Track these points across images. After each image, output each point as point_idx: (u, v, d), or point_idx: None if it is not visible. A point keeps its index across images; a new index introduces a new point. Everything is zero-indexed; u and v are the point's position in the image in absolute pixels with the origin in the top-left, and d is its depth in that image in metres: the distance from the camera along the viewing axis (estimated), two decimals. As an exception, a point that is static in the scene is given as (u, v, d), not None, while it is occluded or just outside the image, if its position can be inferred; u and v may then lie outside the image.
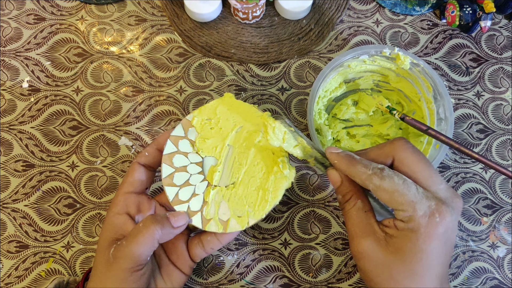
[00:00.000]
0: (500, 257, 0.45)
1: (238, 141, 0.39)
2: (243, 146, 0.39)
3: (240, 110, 0.39)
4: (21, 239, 0.45)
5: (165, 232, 0.35)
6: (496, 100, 0.49)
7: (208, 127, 0.39)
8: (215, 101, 0.39)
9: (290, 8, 0.49)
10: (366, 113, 0.48)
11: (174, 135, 0.39)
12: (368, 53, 0.43)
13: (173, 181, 0.38)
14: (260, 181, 0.38)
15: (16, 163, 0.46)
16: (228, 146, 0.39)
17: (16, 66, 0.49)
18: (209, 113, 0.39)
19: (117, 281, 0.34)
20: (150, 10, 0.51)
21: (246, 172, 0.38)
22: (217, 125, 0.39)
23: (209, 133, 0.39)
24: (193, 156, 0.39)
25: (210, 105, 0.39)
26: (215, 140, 0.39)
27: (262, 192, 0.37)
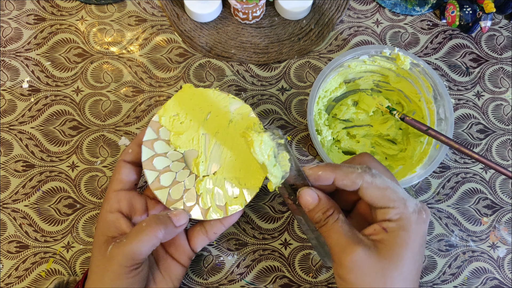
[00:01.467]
0: (500, 257, 0.45)
1: (212, 126, 0.39)
2: (219, 130, 0.39)
3: (203, 97, 0.40)
4: (21, 239, 0.45)
5: (168, 231, 0.35)
6: (496, 100, 0.49)
7: (178, 122, 0.39)
8: (176, 95, 0.39)
9: (290, 8, 0.49)
10: (366, 113, 0.48)
11: (147, 140, 0.39)
12: (368, 53, 0.43)
13: (160, 183, 0.38)
14: (247, 157, 0.38)
15: (16, 163, 0.46)
16: (204, 134, 0.39)
17: (16, 66, 0.49)
18: (174, 108, 0.39)
19: (115, 277, 0.34)
20: (150, 11, 0.51)
21: (231, 152, 0.39)
22: (186, 118, 0.39)
23: (181, 127, 0.39)
24: (172, 155, 0.39)
25: (172, 101, 0.39)
26: (188, 133, 0.39)
27: (252, 166, 0.38)
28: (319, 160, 0.47)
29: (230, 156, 0.39)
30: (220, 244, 0.45)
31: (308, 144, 0.48)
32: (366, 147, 0.47)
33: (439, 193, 0.47)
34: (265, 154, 0.33)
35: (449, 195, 0.47)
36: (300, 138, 0.48)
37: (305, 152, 0.48)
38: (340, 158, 0.47)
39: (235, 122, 0.39)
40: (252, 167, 0.38)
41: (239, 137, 0.39)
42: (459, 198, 0.47)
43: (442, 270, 0.45)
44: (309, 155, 0.48)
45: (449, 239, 0.46)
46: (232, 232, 0.45)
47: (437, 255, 0.45)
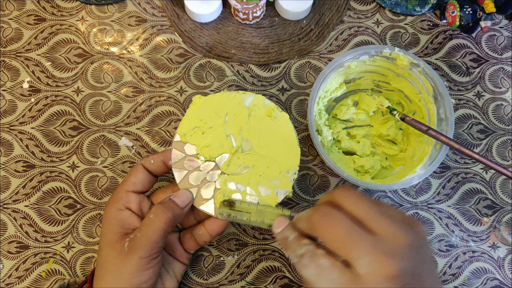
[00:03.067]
0: (500, 258, 0.45)
1: (234, 126, 0.40)
2: (241, 127, 0.40)
3: (215, 102, 0.40)
4: (21, 240, 0.45)
5: (176, 216, 0.36)
6: (496, 101, 0.49)
7: (200, 133, 0.40)
8: (189, 109, 0.40)
9: (290, 9, 0.49)
10: (367, 113, 0.48)
11: (175, 162, 0.39)
12: (369, 53, 0.43)
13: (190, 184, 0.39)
14: (276, 142, 0.40)
15: (16, 163, 0.46)
16: (228, 136, 0.39)
17: (16, 66, 0.49)
18: (191, 123, 0.40)
19: (135, 271, 0.35)
20: (151, 11, 0.51)
21: (260, 143, 0.40)
22: (206, 127, 0.40)
23: (205, 138, 0.39)
24: (206, 167, 0.39)
25: (188, 116, 0.40)
26: (214, 140, 0.39)
27: (283, 152, 0.39)
28: (319, 160, 0.47)
29: (260, 148, 0.39)
30: (221, 244, 0.45)
31: (309, 144, 0.48)
32: (366, 147, 0.47)
33: (440, 193, 0.47)
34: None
35: (450, 195, 0.47)
36: (301, 138, 0.48)
37: (305, 152, 0.48)
38: (340, 158, 0.47)
39: (254, 113, 0.40)
40: (284, 153, 0.39)
41: (263, 125, 0.40)
42: (460, 198, 0.47)
43: (442, 270, 0.45)
44: (310, 155, 0.48)
45: (450, 239, 0.46)
46: (233, 232, 0.45)
47: (437, 256, 0.45)
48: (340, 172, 0.40)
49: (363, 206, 0.30)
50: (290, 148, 0.39)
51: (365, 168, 0.46)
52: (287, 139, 0.40)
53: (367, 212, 0.30)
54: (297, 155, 0.39)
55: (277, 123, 0.40)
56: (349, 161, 0.46)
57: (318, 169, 0.47)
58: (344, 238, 0.29)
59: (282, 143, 0.39)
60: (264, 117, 0.40)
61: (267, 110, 0.40)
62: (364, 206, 0.30)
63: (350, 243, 0.28)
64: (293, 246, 0.32)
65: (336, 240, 0.29)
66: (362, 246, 0.28)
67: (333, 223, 0.29)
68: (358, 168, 0.46)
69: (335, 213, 0.30)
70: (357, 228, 0.29)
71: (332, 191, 0.32)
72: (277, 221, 0.35)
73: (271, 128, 0.40)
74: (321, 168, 0.47)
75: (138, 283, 0.35)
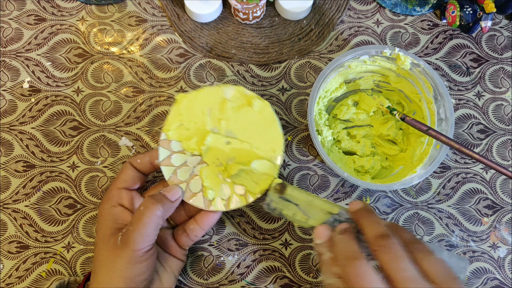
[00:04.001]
0: (501, 258, 0.45)
1: (215, 119, 0.40)
2: (222, 118, 0.40)
3: (197, 98, 0.41)
4: (21, 240, 0.45)
5: (166, 208, 0.37)
6: (496, 100, 0.49)
7: (184, 130, 0.40)
8: (173, 108, 0.41)
9: (290, 9, 0.49)
10: (367, 113, 0.48)
11: (163, 159, 0.40)
12: (369, 53, 0.43)
13: (178, 178, 0.40)
14: (256, 134, 0.40)
15: (16, 163, 0.46)
16: (211, 129, 0.40)
17: (16, 66, 0.49)
18: (175, 120, 0.40)
19: (128, 263, 0.35)
20: (151, 11, 0.51)
21: (242, 135, 0.40)
22: (190, 123, 0.40)
23: (189, 133, 0.40)
24: (192, 160, 0.40)
25: (171, 114, 0.41)
26: (198, 135, 0.40)
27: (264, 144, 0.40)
28: (319, 160, 0.47)
29: (243, 137, 0.40)
30: (221, 244, 0.45)
31: (309, 144, 0.48)
32: (367, 147, 0.47)
33: (440, 193, 0.47)
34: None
35: (450, 195, 0.47)
36: (301, 138, 0.48)
37: (305, 152, 0.48)
38: (340, 158, 0.47)
39: (235, 104, 0.41)
40: (264, 144, 0.40)
41: (244, 115, 0.40)
42: (460, 198, 0.47)
43: (442, 270, 0.45)
44: (310, 155, 0.48)
45: (450, 239, 0.46)
46: (233, 232, 0.45)
47: (437, 255, 0.45)
48: (340, 172, 0.40)
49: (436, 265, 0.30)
50: (273, 135, 0.40)
51: (365, 168, 0.46)
52: (269, 127, 0.40)
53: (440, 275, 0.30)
54: (281, 141, 0.40)
55: (259, 112, 0.40)
56: (349, 161, 0.46)
57: (318, 169, 0.47)
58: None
59: (264, 130, 0.40)
60: (245, 107, 0.40)
61: (247, 100, 0.41)
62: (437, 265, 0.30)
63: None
64: (324, 268, 0.32)
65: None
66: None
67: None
68: (358, 168, 0.46)
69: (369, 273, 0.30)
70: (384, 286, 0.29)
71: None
72: (317, 231, 0.35)
73: (252, 117, 0.40)
74: (321, 168, 0.47)
75: (132, 276, 0.35)
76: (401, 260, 0.30)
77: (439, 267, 0.30)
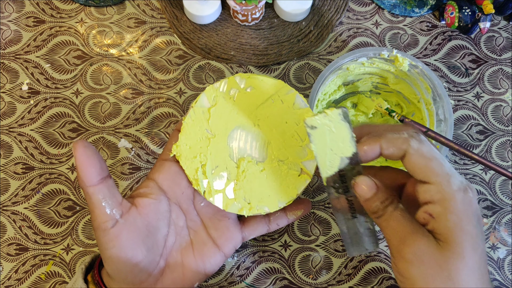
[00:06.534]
0: (500, 259, 0.45)
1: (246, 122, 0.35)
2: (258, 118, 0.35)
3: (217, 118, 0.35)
4: (21, 242, 0.44)
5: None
6: (495, 101, 0.49)
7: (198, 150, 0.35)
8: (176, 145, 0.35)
9: (289, 10, 0.49)
10: (366, 115, 0.48)
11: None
12: (367, 55, 0.43)
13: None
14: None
15: (15, 165, 0.46)
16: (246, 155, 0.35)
17: (15, 68, 0.49)
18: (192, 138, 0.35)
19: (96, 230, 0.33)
20: (150, 13, 0.51)
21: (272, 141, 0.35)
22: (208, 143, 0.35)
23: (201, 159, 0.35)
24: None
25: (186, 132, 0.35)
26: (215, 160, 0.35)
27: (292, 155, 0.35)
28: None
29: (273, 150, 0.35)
30: (220, 246, 0.45)
31: (308, 146, 0.48)
32: (366, 148, 0.47)
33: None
34: (329, 141, 0.30)
35: (449, 196, 0.47)
36: (300, 140, 0.48)
37: (304, 154, 0.48)
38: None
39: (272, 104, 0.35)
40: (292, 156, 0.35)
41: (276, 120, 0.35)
42: (459, 200, 0.47)
43: (442, 271, 0.45)
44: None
45: (449, 240, 0.46)
46: (232, 234, 0.45)
47: (437, 257, 0.45)
48: None
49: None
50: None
51: (364, 169, 0.46)
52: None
53: None
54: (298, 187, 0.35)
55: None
56: (349, 163, 0.46)
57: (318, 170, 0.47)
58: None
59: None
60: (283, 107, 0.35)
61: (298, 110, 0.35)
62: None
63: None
64: (393, 131, 0.29)
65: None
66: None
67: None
68: (358, 170, 0.46)
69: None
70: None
71: (405, 127, 0.30)
72: (361, 183, 0.30)
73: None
74: (320, 169, 0.47)
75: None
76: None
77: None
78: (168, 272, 0.36)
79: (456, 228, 0.26)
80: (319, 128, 0.30)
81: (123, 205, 0.33)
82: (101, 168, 0.32)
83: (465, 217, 0.27)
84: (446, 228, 0.27)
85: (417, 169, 0.28)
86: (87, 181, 0.31)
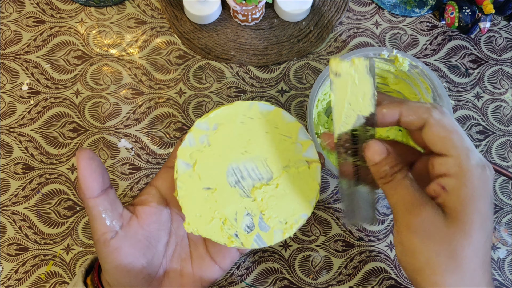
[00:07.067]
0: (500, 259, 0.45)
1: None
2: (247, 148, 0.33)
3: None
4: (21, 242, 0.44)
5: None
6: (495, 101, 0.49)
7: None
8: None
9: (289, 10, 0.49)
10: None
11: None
12: (367, 55, 0.43)
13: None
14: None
15: (16, 165, 0.46)
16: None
17: (15, 68, 0.49)
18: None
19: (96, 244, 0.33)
20: (150, 13, 0.51)
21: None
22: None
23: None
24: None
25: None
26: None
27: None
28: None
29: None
30: (220, 246, 0.45)
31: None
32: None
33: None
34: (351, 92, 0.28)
35: (449, 196, 0.47)
36: (300, 140, 0.48)
37: (304, 154, 0.48)
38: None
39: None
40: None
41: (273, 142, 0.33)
42: (459, 200, 0.47)
43: (442, 271, 0.45)
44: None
45: (449, 240, 0.46)
46: (232, 234, 0.45)
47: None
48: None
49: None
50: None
51: (364, 169, 0.46)
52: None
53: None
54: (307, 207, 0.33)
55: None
56: (349, 163, 0.46)
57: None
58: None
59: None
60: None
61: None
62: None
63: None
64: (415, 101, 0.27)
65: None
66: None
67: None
68: (358, 170, 0.46)
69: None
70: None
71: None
72: (372, 145, 0.28)
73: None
74: (320, 169, 0.47)
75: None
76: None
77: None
78: (167, 281, 0.35)
79: (469, 203, 0.25)
80: (342, 77, 0.28)
81: (124, 216, 0.33)
82: (103, 181, 0.31)
83: (479, 194, 0.26)
84: (458, 202, 0.26)
85: (437, 140, 0.27)
86: (88, 194, 0.30)
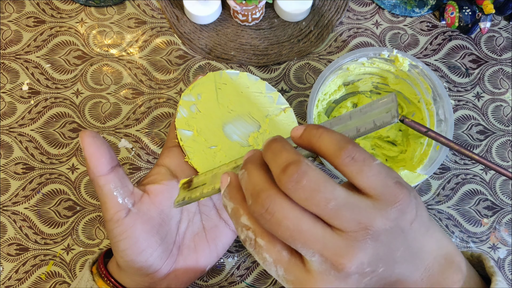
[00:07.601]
0: (501, 259, 0.45)
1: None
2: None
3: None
4: (21, 242, 0.45)
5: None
6: (496, 101, 0.49)
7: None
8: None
9: (289, 10, 0.49)
10: (366, 115, 0.47)
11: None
12: (367, 55, 0.43)
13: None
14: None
15: (16, 165, 0.46)
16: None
17: (16, 69, 0.49)
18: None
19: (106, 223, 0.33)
20: (150, 13, 0.51)
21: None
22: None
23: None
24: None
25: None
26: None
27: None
28: (318, 162, 0.47)
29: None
30: (220, 246, 0.45)
31: (308, 146, 0.48)
32: (366, 148, 0.47)
33: (439, 194, 0.47)
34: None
35: (449, 196, 0.47)
36: (300, 140, 0.48)
37: (305, 154, 0.48)
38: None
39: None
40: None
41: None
42: (459, 199, 0.47)
43: (442, 271, 0.45)
44: (309, 157, 0.47)
45: (449, 240, 0.46)
46: (232, 234, 0.45)
47: (437, 257, 0.45)
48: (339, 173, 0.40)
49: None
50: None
51: (364, 169, 0.45)
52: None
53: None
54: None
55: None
56: (349, 163, 0.46)
57: (317, 171, 0.47)
58: (292, 231, 0.23)
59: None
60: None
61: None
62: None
63: (300, 237, 0.23)
64: (233, 221, 0.26)
65: (283, 231, 0.23)
66: (313, 242, 0.23)
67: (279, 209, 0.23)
68: (358, 170, 0.46)
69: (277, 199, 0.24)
70: (307, 219, 0.23)
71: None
72: (221, 179, 0.27)
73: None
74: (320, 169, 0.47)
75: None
76: (319, 192, 0.24)
77: (373, 176, 0.24)
78: (181, 259, 0.35)
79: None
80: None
81: (135, 194, 0.32)
82: (111, 157, 0.31)
83: None
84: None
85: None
86: (97, 171, 0.30)
